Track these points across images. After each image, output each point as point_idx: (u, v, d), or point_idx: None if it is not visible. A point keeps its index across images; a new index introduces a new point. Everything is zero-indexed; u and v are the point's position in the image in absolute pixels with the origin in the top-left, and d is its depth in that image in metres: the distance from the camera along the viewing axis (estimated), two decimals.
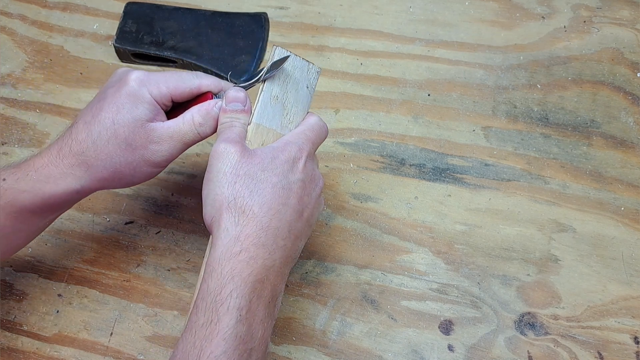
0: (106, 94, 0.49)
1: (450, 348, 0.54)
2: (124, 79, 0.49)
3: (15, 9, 0.77)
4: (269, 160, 0.45)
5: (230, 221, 0.43)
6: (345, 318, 0.56)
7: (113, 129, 0.47)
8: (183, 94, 0.50)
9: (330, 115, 0.67)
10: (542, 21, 0.71)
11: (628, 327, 0.54)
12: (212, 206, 0.44)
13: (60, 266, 0.60)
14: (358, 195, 0.62)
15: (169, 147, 0.49)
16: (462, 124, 0.65)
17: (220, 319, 0.40)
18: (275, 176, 0.45)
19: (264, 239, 0.43)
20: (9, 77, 0.72)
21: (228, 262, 0.42)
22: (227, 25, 0.71)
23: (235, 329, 0.40)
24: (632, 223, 0.59)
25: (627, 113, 0.65)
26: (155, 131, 0.48)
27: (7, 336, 0.57)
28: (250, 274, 0.42)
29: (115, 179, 0.49)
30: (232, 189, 0.44)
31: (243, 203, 0.43)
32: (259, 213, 0.44)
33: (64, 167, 0.47)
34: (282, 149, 0.47)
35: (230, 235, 0.43)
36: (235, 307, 0.41)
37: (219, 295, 0.41)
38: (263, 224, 0.43)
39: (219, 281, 0.41)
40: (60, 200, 0.48)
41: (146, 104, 0.48)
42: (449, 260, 0.58)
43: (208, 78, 0.51)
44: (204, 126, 0.49)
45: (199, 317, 0.41)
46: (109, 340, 0.56)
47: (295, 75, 0.50)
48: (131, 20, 0.72)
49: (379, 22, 0.72)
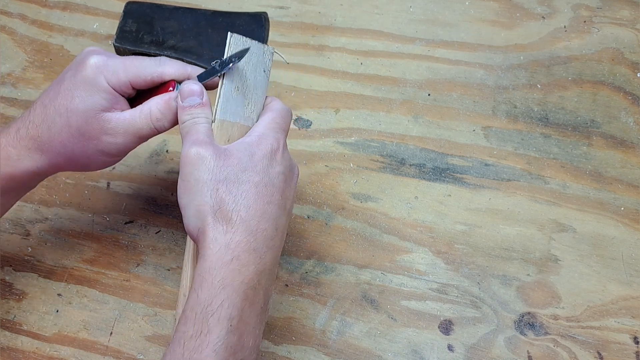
0: (65, 77, 0.47)
1: (450, 348, 0.54)
2: (82, 64, 0.47)
3: (15, 8, 0.77)
4: (247, 158, 0.43)
5: (218, 230, 0.41)
6: (345, 318, 0.56)
7: (66, 117, 0.45)
8: (144, 83, 0.47)
9: (331, 115, 0.67)
10: (543, 21, 0.71)
11: (628, 327, 0.54)
12: (195, 217, 0.42)
13: (60, 266, 0.60)
14: (358, 195, 0.62)
15: (124, 140, 0.46)
16: (462, 123, 0.65)
17: (211, 330, 0.39)
18: (256, 175, 0.43)
19: (254, 243, 0.42)
20: (9, 76, 0.72)
21: (219, 271, 0.40)
22: (228, 24, 0.71)
23: (226, 340, 0.39)
24: (632, 223, 0.59)
25: (627, 113, 0.65)
26: (110, 122, 0.46)
27: (7, 336, 0.57)
28: (242, 282, 0.41)
29: (70, 165, 0.48)
30: (215, 197, 0.42)
31: (228, 210, 0.41)
32: (246, 217, 0.42)
33: (21, 149, 0.46)
34: (258, 143, 0.44)
35: (220, 244, 0.41)
36: (226, 318, 0.39)
37: (210, 306, 0.39)
38: (252, 229, 0.42)
39: (209, 291, 0.40)
40: (19, 181, 0.47)
41: (102, 93, 0.46)
42: (449, 260, 0.58)
43: (172, 65, 0.48)
44: (161, 121, 0.47)
45: (188, 328, 0.39)
46: (108, 340, 0.56)
47: (252, 61, 0.48)
48: (131, 20, 0.71)
49: (379, 21, 0.72)
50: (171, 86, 0.48)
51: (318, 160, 0.64)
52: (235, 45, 0.46)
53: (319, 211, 0.61)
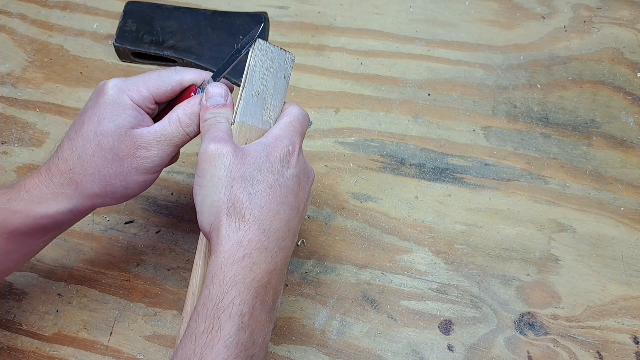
0: (86, 108, 0.47)
1: (450, 348, 0.54)
2: (102, 90, 0.47)
3: (15, 8, 0.77)
4: (264, 158, 0.44)
5: (231, 227, 0.42)
6: (345, 318, 0.56)
7: (97, 141, 0.45)
8: (166, 93, 0.48)
9: (330, 114, 0.67)
10: (542, 21, 0.71)
11: (628, 327, 0.54)
12: (209, 213, 0.42)
13: (59, 265, 0.60)
14: (358, 195, 0.62)
15: (159, 152, 0.46)
16: (462, 123, 0.65)
17: (222, 326, 0.39)
18: (271, 175, 0.43)
19: (266, 242, 0.42)
20: (9, 76, 0.72)
21: (230, 268, 0.41)
22: (227, 24, 0.71)
23: (237, 336, 0.39)
24: (632, 223, 0.59)
25: (627, 113, 0.65)
26: (142, 137, 0.46)
27: (7, 335, 0.57)
28: (254, 279, 0.41)
29: (107, 194, 0.47)
30: (230, 194, 0.42)
31: (242, 207, 0.42)
32: (259, 216, 0.42)
33: (54, 186, 0.46)
34: (274, 144, 0.45)
35: (232, 241, 0.41)
36: (237, 314, 0.40)
37: (221, 302, 0.40)
38: (264, 227, 0.42)
39: (221, 288, 0.40)
40: (53, 221, 0.46)
41: (128, 110, 0.46)
42: (449, 260, 0.58)
43: (188, 72, 0.48)
44: (190, 126, 0.47)
45: (199, 324, 0.40)
46: (108, 340, 0.56)
47: (274, 66, 0.48)
48: (131, 20, 0.72)
49: (379, 21, 0.72)
50: (192, 92, 0.48)
51: (318, 160, 0.64)
52: (259, 51, 0.47)
53: (318, 211, 0.61)
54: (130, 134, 0.46)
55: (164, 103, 0.49)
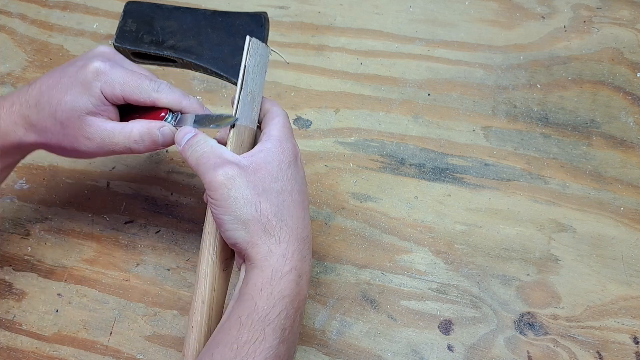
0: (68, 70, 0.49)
1: (450, 348, 0.54)
2: (86, 65, 0.48)
3: (15, 8, 0.77)
4: (276, 168, 0.44)
5: (271, 241, 0.42)
6: (345, 318, 0.56)
7: (55, 109, 0.47)
8: (137, 103, 0.49)
9: (330, 114, 0.67)
10: (542, 21, 0.71)
11: (628, 327, 0.54)
12: (244, 231, 0.42)
13: (59, 265, 0.60)
14: (358, 195, 0.62)
15: (97, 147, 0.48)
16: (462, 123, 0.65)
17: (266, 338, 0.40)
18: (288, 183, 0.44)
19: (303, 251, 0.43)
20: (9, 76, 0.72)
21: (279, 282, 0.41)
22: (227, 24, 0.71)
23: (277, 348, 0.40)
24: (632, 223, 0.59)
25: (627, 113, 0.65)
26: (90, 127, 0.48)
27: (7, 335, 0.57)
28: (298, 293, 0.42)
29: (49, 148, 0.50)
30: (260, 210, 0.42)
31: (276, 220, 0.42)
32: (292, 226, 0.43)
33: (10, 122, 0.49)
34: (281, 150, 0.45)
35: (277, 255, 0.42)
36: (280, 328, 0.41)
37: (268, 315, 0.40)
38: (299, 236, 0.43)
39: (268, 301, 0.41)
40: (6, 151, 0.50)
41: (92, 98, 0.47)
42: (449, 260, 0.58)
43: (170, 94, 0.49)
44: (138, 143, 0.48)
45: (242, 334, 0.40)
46: (108, 340, 0.56)
47: (260, 63, 0.48)
48: (131, 20, 0.71)
49: (379, 21, 0.72)
50: (163, 112, 0.49)
51: (318, 160, 0.64)
52: (254, 50, 0.47)
53: (318, 211, 0.61)
54: (82, 119, 0.48)
55: None
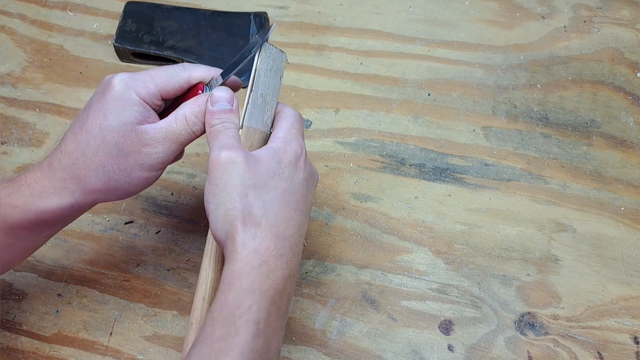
0: (92, 101, 0.46)
1: (450, 348, 0.54)
2: (108, 84, 0.46)
3: (15, 8, 0.77)
4: (275, 165, 0.44)
5: (247, 235, 0.41)
6: (345, 318, 0.56)
7: (101, 136, 0.44)
8: (173, 90, 0.47)
9: (330, 115, 0.67)
10: (542, 21, 0.71)
11: (628, 327, 0.54)
12: (224, 221, 0.42)
13: (59, 266, 0.60)
14: (358, 195, 0.62)
15: (164, 149, 0.46)
16: (462, 123, 0.65)
17: (238, 333, 0.39)
18: (283, 181, 0.43)
19: (281, 249, 0.42)
20: (9, 76, 0.72)
21: (248, 275, 0.41)
22: (227, 24, 0.71)
23: (253, 342, 0.40)
24: (632, 223, 0.59)
25: (627, 113, 0.65)
26: (147, 133, 0.45)
27: (7, 336, 0.57)
28: (270, 286, 0.41)
29: (110, 190, 0.46)
30: (245, 202, 0.42)
31: (258, 215, 0.42)
32: (274, 223, 0.42)
33: (56, 181, 0.45)
34: (284, 150, 0.45)
35: (249, 248, 0.41)
36: (253, 321, 0.40)
37: (238, 309, 0.40)
38: (279, 234, 0.42)
39: (238, 294, 0.40)
40: (54, 216, 0.46)
41: (134, 106, 0.45)
42: (449, 260, 0.58)
43: (197, 68, 0.48)
44: (197, 124, 0.46)
45: (215, 329, 0.40)
46: (108, 340, 0.56)
47: (274, 67, 0.48)
48: (131, 20, 0.72)
49: (379, 21, 0.72)
50: (200, 89, 0.48)
51: (318, 160, 0.64)
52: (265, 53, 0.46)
53: (318, 211, 0.61)
54: (136, 130, 0.45)
55: (171, 99, 0.49)
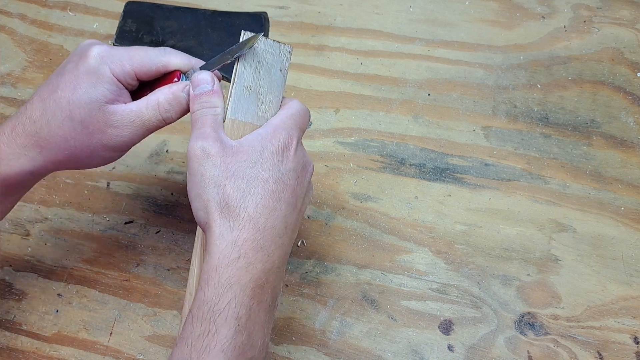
0: (65, 69, 0.45)
1: (450, 348, 0.54)
2: (84, 54, 0.44)
3: (15, 8, 0.77)
4: (258, 153, 0.42)
5: (224, 226, 0.40)
6: (345, 318, 0.56)
7: (68, 110, 0.43)
8: (149, 73, 0.46)
9: (330, 115, 0.67)
10: (542, 21, 0.71)
11: (628, 327, 0.54)
12: (203, 210, 0.42)
13: (59, 266, 0.60)
14: (358, 195, 0.62)
15: (130, 133, 0.45)
16: (462, 123, 0.65)
17: (219, 330, 0.38)
18: (266, 171, 0.42)
19: (261, 241, 0.41)
20: (9, 76, 0.72)
21: (226, 269, 0.39)
22: (227, 24, 0.71)
23: (235, 339, 0.38)
24: (632, 223, 0.59)
25: (627, 113, 0.65)
26: (115, 114, 0.44)
27: (7, 336, 0.57)
28: (250, 280, 0.40)
29: (71, 162, 0.45)
30: (222, 193, 0.41)
31: (236, 206, 0.41)
32: (254, 214, 0.41)
33: (17, 147, 0.44)
34: (272, 137, 0.43)
35: (226, 241, 0.40)
36: (233, 317, 0.39)
37: (217, 305, 0.39)
38: (259, 226, 0.41)
39: (216, 290, 0.39)
40: (14, 182, 0.45)
41: (106, 84, 0.44)
42: (449, 260, 0.58)
43: (177, 55, 0.47)
44: (169, 112, 0.45)
45: (195, 327, 0.39)
46: (108, 340, 0.56)
47: (267, 59, 0.47)
48: (131, 20, 0.72)
49: (379, 21, 0.72)
50: (176, 77, 0.47)
51: (318, 160, 0.64)
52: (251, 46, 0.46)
53: (318, 211, 0.61)
54: (104, 110, 0.44)
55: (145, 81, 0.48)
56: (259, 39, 0.46)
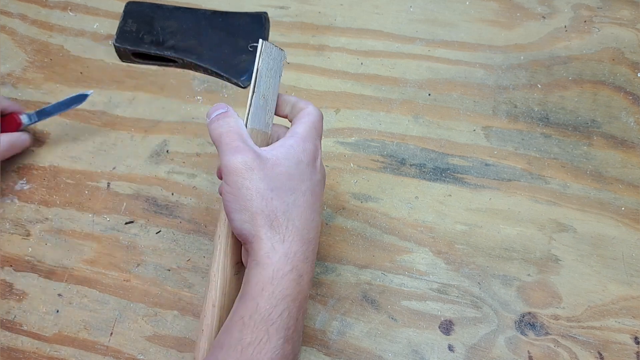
0: None
1: (451, 348, 0.54)
2: None
3: (15, 8, 0.77)
4: (294, 165, 0.44)
5: (275, 239, 0.42)
6: (346, 318, 0.56)
7: None
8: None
9: (331, 115, 0.67)
10: (543, 21, 0.71)
11: (628, 327, 0.54)
12: (249, 223, 0.42)
13: (60, 266, 0.60)
14: (358, 195, 0.62)
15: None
16: (462, 123, 0.65)
17: (270, 339, 0.40)
18: (303, 183, 0.44)
19: (306, 252, 0.43)
20: (9, 76, 0.72)
21: (280, 281, 0.41)
22: (228, 24, 0.71)
23: (283, 348, 0.40)
24: (633, 223, 0.59)
25: (628, 113, 0.65)
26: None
27: (7, 336, 0.57)
28: (299, 292, 0.42)
29: None
30: (269, 206, 0.42)
31: (284, 219, 0.42)
32: (299, 226, 0.42)
33: None
34: (303, 148, 0.44)
35: (279, 253, 0.41)
36: (284, 327, 0.40)
37: (270, 315, 0.40)
38: (304, 238, 0.43)
39: (270, 301, 0.40)
40: None
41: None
42: (449, 260, 0.58)
43: None
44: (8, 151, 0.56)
45: (245, 335, 0.40)
46: (109, 340, 0.56)
47: (274, 67, 0.48)
48: (131, 20, 0.71)
49: (379, 21, 0.72)
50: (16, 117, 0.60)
51: None
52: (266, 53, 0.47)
53: None
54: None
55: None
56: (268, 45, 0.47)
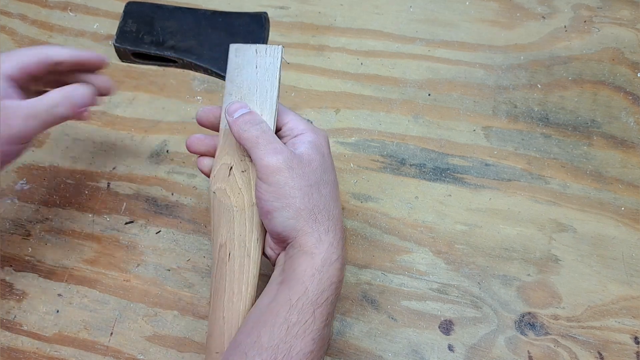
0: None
1: (451, 348, 0.54)
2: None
3: (15, 8, 0.77)
4: (321, 159, 0.47)
5: (321, 230, 0.45)
6: (345, 318, 0.56)
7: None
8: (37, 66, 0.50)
9: (331, 115, 0.67)
10: (543, 21, 0.71)
11: (628, 327, 0.54)
12: (294, 219, 0.45)
13: (60, 266, 0.60)
14: (358, 195, 0.62)
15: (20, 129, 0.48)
16: (462, 123, 0.65)
17: (315, 321, 0.42)
18: (330, 174, 0.47)
19: (342, 240, 0.46)
20: None
21: (328, 269, 0.44)
22: (228, 25, 0.71)
23: (323, 331, 0.43)
24: (633, 223, 0.59)
25: (628, 113, 0.65)
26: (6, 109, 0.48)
27: (7, 336, 0.57)
28: (340, 279, 0.45)
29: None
30: (311, 200, 0.45)
31: (325, 211, 0.45)
32: (336, 215, 0.46)
33: None
34: (320, 142, 0.48)
35: (326, 243, 0.44)
36: (327, 312, 0.43)
37: (317, 299, 0.43)
38: (339, 226, 0.46)
39: (319, 287, 0.43)
40: None
41: None
42: (449, 260, 0.58)
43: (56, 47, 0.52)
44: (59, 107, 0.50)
45: (292, 315, 0.42)
46: (109, 340, 0.56)
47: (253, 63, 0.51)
48: (131, 20, 0.71)
49: (380, 21, 0.72)
50: None
51: None
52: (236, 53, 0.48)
53: None
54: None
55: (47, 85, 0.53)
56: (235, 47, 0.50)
